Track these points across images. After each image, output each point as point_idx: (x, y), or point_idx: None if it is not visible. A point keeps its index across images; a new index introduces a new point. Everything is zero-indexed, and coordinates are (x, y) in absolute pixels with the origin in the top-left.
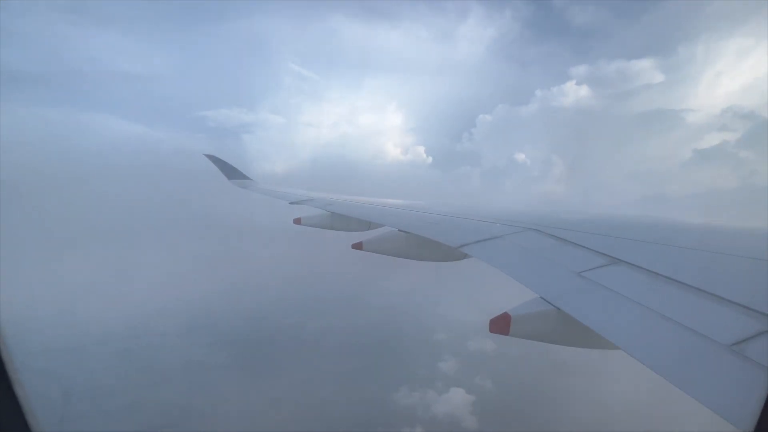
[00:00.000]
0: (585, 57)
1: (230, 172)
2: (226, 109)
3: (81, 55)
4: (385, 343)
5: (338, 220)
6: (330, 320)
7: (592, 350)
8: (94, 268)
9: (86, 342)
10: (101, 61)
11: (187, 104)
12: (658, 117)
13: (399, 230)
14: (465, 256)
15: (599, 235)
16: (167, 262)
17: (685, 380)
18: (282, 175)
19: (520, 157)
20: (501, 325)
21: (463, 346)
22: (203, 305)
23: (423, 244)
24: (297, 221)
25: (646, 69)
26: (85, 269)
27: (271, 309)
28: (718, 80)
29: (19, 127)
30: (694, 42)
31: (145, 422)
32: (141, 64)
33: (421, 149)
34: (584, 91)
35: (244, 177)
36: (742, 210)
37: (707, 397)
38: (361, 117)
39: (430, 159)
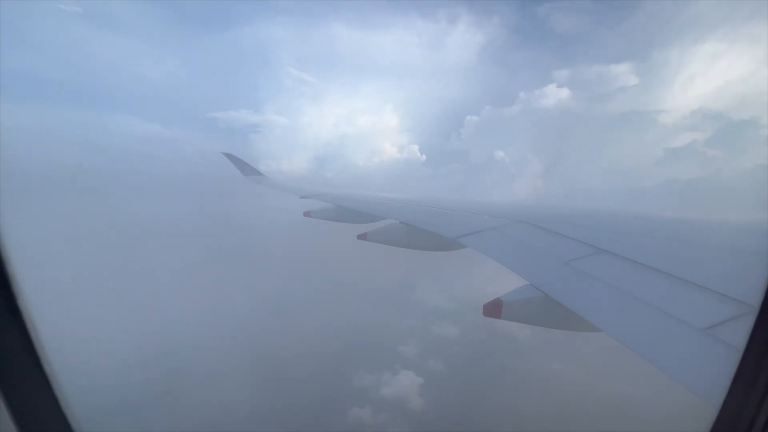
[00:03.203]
0: (567, 61)
1: (245, 168)
2: (234, 110)
3: (100, 59)
4: (364, 328)
5: (345, 213)
6: (322, 305)
7: (565, 335)
8: (110, 264)
9: (95, 341)
10: (119, 65)
11: (199, 106)
12: (633, 118)
13: (401, 222)
14: (461, 246)
15: (584, 227)
16: (184, 252)
17: (661, 359)
18: (287, 172)
19: (505, 155)
20: (494, 309)
21: (432, 330)
22: (216, 298)
23: (422, 235)
24: (307, 214)
25: (622, 73)
26: (103, 264)
27: (274, 295)
28: (690, 83)
29: (46, 128)
30: (669, 46)
31: (143, 422)
32: (155, 68)
33: (416, 148)
34: (565, 93)
35: (258, 173)
36: (710, 203)
37: (681, 375)
38: (360, 118)
39: (425, 157)
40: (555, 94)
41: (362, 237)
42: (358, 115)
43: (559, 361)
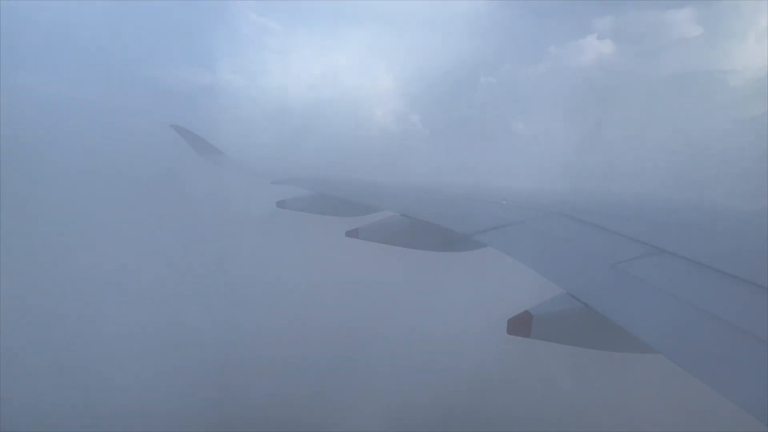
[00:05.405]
0: (612, 6)
1: (200, 145)
2: (178, 68)
3: None
4: (337, 358)
5: (330, 203)
6: (294, 326)
7: (610, 358)
8: (30, 263)
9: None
10: (14, 6)
11: (132, 61)
12: (693, 79)
13: (401, 215)
14: (478, 245)
15: (636, 219)
16: (122, 251)
17: (735, 390)
18: (251, 148)
19: (530, 126)
20: (521, 325)
21: (423, 358)
22: (159, 306)
23: (429, 231)
24: (281, 204)
25: (683, 20)
26: (20, 264)
27: (235, 311)
28: None
29: None
30: None
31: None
32: (68, 8)
33: (416, 118)
34: (608, 47)
35: (217, 151)
36: None
37: (763, 412)
38: (342, 79)
39: (428, 130)
40: (595, 49)
41: (352, 234)
42: (340, 74)
43: (601, 391)
